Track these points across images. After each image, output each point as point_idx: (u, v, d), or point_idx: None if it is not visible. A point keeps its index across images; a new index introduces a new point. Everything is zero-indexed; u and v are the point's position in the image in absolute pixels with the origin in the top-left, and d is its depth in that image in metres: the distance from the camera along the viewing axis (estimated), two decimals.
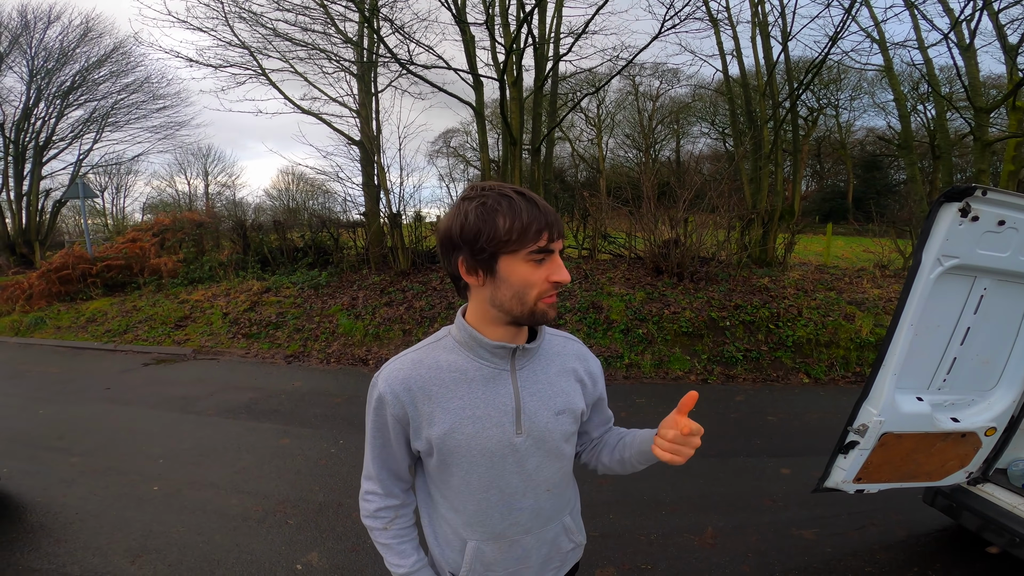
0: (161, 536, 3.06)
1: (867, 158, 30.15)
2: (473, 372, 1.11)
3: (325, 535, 3.07)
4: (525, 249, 0.98)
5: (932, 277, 2.00)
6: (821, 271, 9.09)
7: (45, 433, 4.64)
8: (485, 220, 0.98)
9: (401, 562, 1.22)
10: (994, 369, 2.35)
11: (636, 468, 1.28)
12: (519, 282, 1.01)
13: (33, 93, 18.02)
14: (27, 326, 9.25)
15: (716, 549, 2.90)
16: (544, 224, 0.98)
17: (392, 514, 1.23)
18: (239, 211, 18.55)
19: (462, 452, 1.11)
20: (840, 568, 2.72)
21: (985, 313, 2.18)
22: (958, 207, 1.90)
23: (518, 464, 1.15)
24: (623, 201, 9.30)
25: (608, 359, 6.43)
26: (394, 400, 1.10)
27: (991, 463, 2.55)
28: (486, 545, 1.20)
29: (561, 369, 1.21)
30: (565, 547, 1.33)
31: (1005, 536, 2.37)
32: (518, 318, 1.05)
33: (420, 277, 9.13)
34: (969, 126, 10.50)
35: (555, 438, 1.17)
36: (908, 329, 2.05)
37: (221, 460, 4.08)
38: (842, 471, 2.28)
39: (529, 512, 1.20)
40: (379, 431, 1.16)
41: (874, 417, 2.14)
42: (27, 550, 2.90)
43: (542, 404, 1.15)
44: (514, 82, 10.05)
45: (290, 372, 6.66)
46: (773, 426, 4.66)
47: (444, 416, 1.09)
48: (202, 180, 34.24)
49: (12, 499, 3.46)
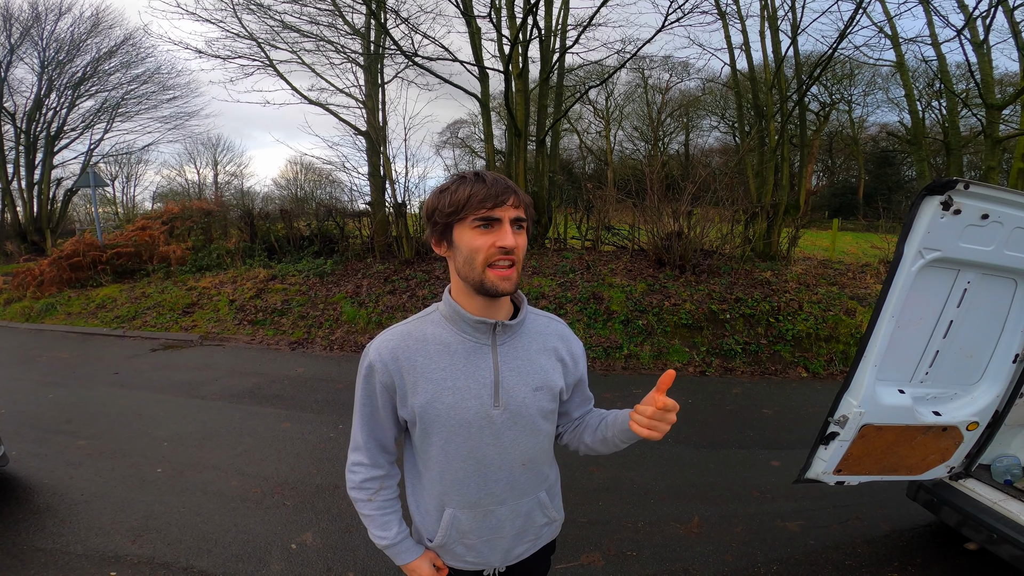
0: (162, 516, 3.15)
1: (879, 154, 29.80)
2: (456, 345, 1.18)
3: (321, 516, 3.15)
4: (470, 217, 1.06)
5: (914, 269, 2.01)
6: (824, 266, 9.05)
7: (54, 417, 4.75)
8: (438, 197, 1.11)
9: (383, 534, 1.29)
10: (978, 363, 2.35)
11: (619, 447, 1.33)
12: (467, 248, 1.09)
13: (44, 84, 18.24)
14: (38, 312, 9.42)
15: (701, 538, 2.95)
16: (487, 195, 1.05)
17: (377, 485, 1.29)
18: (247, 200, 18.76)
19: (442, 421, 1.18)
20: (821, 561, 2.75)
21: (969, 306, 2.19)
22: (940, 200, 1.91)
23: (494, 436, 1.21)
24: (628, 193, 9.30)
25: (607, 350, 6.47)
26: (383, 368, 1.18)
27: (974, 458, 2.56)
28: (462, 513, 1.27)
29: (543, 347, 1.26)
30: (539, 521, 1.38)
31: (983, 532, 2.37)
32: (473, 285, 1.11)
33: (424, 266, 9.21)
34: (980, 123, 10.41)
35: (531, 413, 1.23)
36: (889, 321, 2.07)
37: (223, 443, 4.18)
38: (823, 462, 2.31)
39: (504, 483, 1.26)
40: (368, 399, 1.23)
41: (854, 408, 2.17)
42: (33, 530, 2.99)
43: (520, 379, 1.21)
44: (519, 74, 10.04)
45: (294, 358, 6.76)
46: (768, 419, 4.69)
47: (427, 386, 1.16)
48: (211, 170, 34.51)
49: (20, 481, 3.56)
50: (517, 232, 1.09)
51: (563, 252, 9.52)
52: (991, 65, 9.87)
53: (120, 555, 2.78)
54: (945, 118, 16.09)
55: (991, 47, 9.74)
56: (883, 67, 15.00)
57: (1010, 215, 2.01)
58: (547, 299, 7.47)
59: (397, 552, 1.31)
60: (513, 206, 1.07)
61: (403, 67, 10.62)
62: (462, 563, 1.36)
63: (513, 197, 1.08)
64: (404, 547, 1.31)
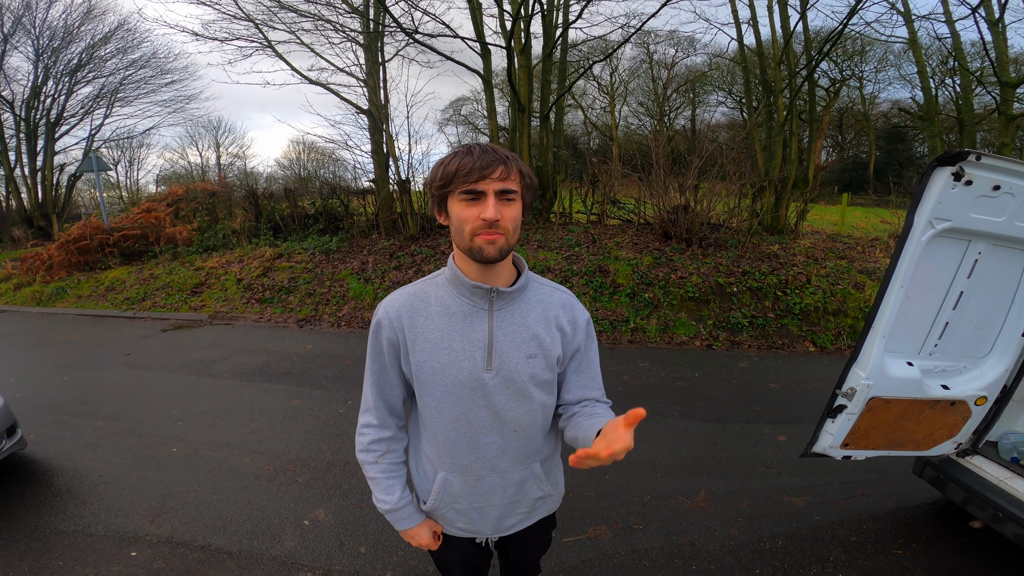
0: (179, 495, 3.22)
1: (891, 130, 29.37)
2: (456, 308, 1.22)
3: (332, 492, 3.21)
4: (458, 189, 1.10)
5: (924, 239, 1.99)
6: (833, 240, 8.97)
7: (69, 399, 4.83)
8: (435, 169, 1.15)
9: (386, 498, 1.33)
10: (987, 336, 2.33)
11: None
12: (456, 219, 1.13)
13: (41, 72, 18.16)
14: (48, 296, 9.52)
15: (707, 512, 2.98)
16: (471, 168, 1.07)
17: (383, 447, 1.33)
18: (251, 180, 18.70)
19: (436, 380, 1.22)
20: (826, 536, 2.76)
21: (979, 278, 2.16)
22: (951, 171, 1.89)
23: (486, 399, 1.24)
24: (633, 168, 9.21)
25: (613, 323, 6.48)
26: (389, 325, 1.23)
27: (981, 435, 2.54)
28: (453, 477, 1.32)
29: (542, 316, 1.27)
30: (533, 494, 1.40)
31: (988, 510, 2.36)
32: (465, 252, 1.15)
33: (429, 241, 9.22)
34: (995, 101, 10.29)
35: (523, 379, 1.24)
36: (899, 291, 2.05)
37: (236, 421, 4.25)
38: (830, 436, 2.32)
39: (495, 448, 1.29)
40: (377, 355, 1.28)
41: (862, 380, 2.16)
42: (54, 513, 3.05)
43: (514, 345, 1.23)
44: (522, 49, 9.89)
45: (302, 335, 6.82)
46: (774, 393, 4.70)
47: (424, 345, 1.21)
48: (213, 152, 34.38)
49: (40, 464, 3.62)
50: (505, 203, 1.11)
51: (568, 226, 9.47)
52: (1006, 43, 9.73)
53: (140, 535, 2.84)
54: (959, 95, 15.84)
55: (1006, 25, 9.61)
56: (895, 44, 14.68)
57: (1022, 187, 1.98)
58: (553, 272, 7.47)
59: (398, 518, 1.35)
60: (499, 178, 1.08)
61: (403, 45, 10.47)
62: (454, 529, 1.41)
63: (500, 168, 1.08)
64: (405, 513, 1.35)
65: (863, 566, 2.53)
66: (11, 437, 3.40)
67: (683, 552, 2.66)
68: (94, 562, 2.63)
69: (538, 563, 1.78)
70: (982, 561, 2.54)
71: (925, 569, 2.50)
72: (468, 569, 1.57)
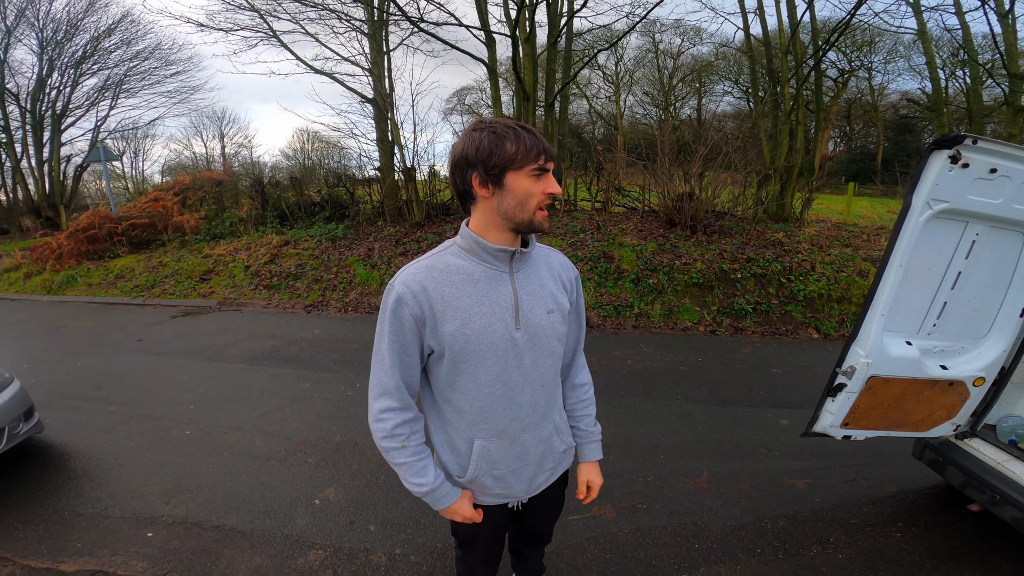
0: (193, 477, 3.30)
1: (899, 121, 29.21)
2: (478, 274, 1.26)
3: (342, 472, 3.28)
4: (528, 166, 1.17)
5: (922, 220, 2.02)
6: (839, 228, 8.96)
7: (83, 384, 4.92)
8: (496, 144, 1.17)
9: (421, 480, 1.33)
10: (986, 317, 2.35)
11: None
12: (523, 192, 1.19)
13: (45, 64, 18.21)
14: (58, 284, 9.63)
15: (710, 493, 3.04)
16: (543, 148, 1.18)
17: (408, 430, 1.32)
18: (256, 170, 18.74)
19: (472, 347, 1.25)
20: (827, 518, 2.81)
21: (977, 259, 2.19)
22: (948, 154, 1.92)
23: (517, 358, 1.30)
24: (638, 156, 9.20)
25: (618, 308, 6.52)
26: (413, 300, 1.23)
27: (980, 417, 2.57)
28: (491, 443, 1.37)
29: (550, 272, 1.37)
30: (558, 447, 1.49)
31: (986, 493, 2.38)
32: (519, 224, 1.22)
33: (434, 228, 9.28)
34: (1004, 92, 10.25)
35: (547, 334, 1.33)
36: (897, 270, 2.09)
37: (246, 404, 4.32)
38: (830, 415, 2.36)
39: (528, 407, 1.36)
40: (398, 334, 1.25)
41: (861, 359, 2.20)
42: (72, 496, 3.12)
43: (536, 303, 1.31)
44: (527, 38, 9.85)
45: (309, 321, 6.90)
46: (777, 378, 4.74)
47: (455, 314, 1.24)
48: (218, 142, 34.44)
49: (56, 448, 3.69)
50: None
51: (573, 213, 9.49)
52: (1016, 35, 9.65)
53: (155, 516, 2.92)
54: (968, 87, 15.76)
55: (1016, 18, 9.54)
56: (905, 35, 14.60)
57: (1019, 170, 2.00)
58: None
59: (438, 497, 1.35)
60: (555, 160, 1.20)
61: (408, 34, 10.46)
62: (490, 496, 1.45)
63: (553, 152, 1.20)
64: (444, 491, 1.36)
65: (863, 548, 2.57)
66: (28, 420, 3.48)
67: (686, 531, 2.71)
68: (112, 543, 2.70)
69: (551, 528, 1.84)
70: (980, 545, 2.57)
71: (924, 552, 2.54)
72: (492, 539, 1.62)
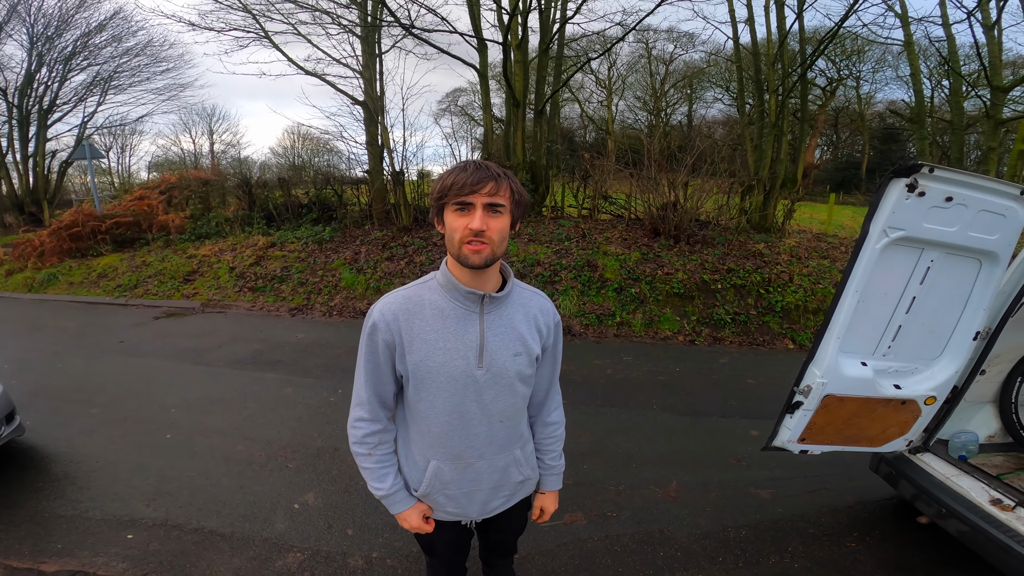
0: (174, 480, 3.33)
1: (885, 130, 29.74)
2: (449, 311, 1.35)
3: (322, 477, 3.35)
4: (451, 201, 1.23)
5: (878, 247, 2.12)
6: (819, 239, 9.15)
7: (65, 385, 4.92)
8: (436, 183, 1.29)
9: (379, 485, 1.48)
10: (940, 339, 2.46)
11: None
12: (449, 228, 1.26)
13: (35, 59, 17.96)
14: (40, 282, 9.56)
15: (678, 502, 3.14)
16: (464, 183, 1.20)
17: (376, 440, 1.46)
18: (244, 169, 18.68)
19: (432, 378, 1.35)
20: (787, 528, 2.92)
21: (932, 284, 2.29)
22: (906, 183, 2.02)
23: (477, 394, 1.38)
24: (626, 163, 9.33)
25: (600, 317, 6.63)
26: (385, 328, 1.34)
27: (932, 433, 2.68)
28: (445, 465, 1.46)
29: (525, 317, 1.43)
30: (515, 478, 1.57)
31: (934, 507, 2.47)
32: (455, 258, 1.29)
33: (421, 233, 9.33)
34: (984, 104, 10.46)
35: (510, 375, 1.40)
36: (853, 295, 2.19)
37: (229, 408, 4.37)
38: (788, 431, 2.47)
39: (484, 438, 1.45)
40: (371, 355, 1.38)
41: (817, 379, 2.31)
42: (53, 498, 3.14)
43: (503, 345, 1.38)
44: (518, 44, 9.96)
45: (294, 324, 6.94)
46: (751, 389, 4.87)
47: (421, 346, 1.34)
48: (207, 139, 34.15)
49: (38, 450, 3.70)
50: (492, 215, 1.23)
51: (560, 220, 9.59)
52: (1001, 47, 9.85)
53: (136, 519, 2.95)
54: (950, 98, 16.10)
55: (1003, 29, 9.74)
56: (893, 45, 14.91)
57: (975, 198, 2.10)
58: (542, 266, 7.60)
59: (391, 502, 1.49)
60: (488, 193, 1.21)
61: (400, 37, 10.50)
62: (443, 513, 1.55)
63: (491, 184, 1.21)
64: (397, 498, 1.49)
65: (819, 557, 2.68)
66: (10, 423, 3.49)
67: (653, 539, 2.81)
68: (92, 545, 2.74)
69: (515, 542, 1.94)
70: (931, 557, 2.69)
71: (877, 562, 2.65)
72: (452, 548, 1.73)
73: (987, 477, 2.54)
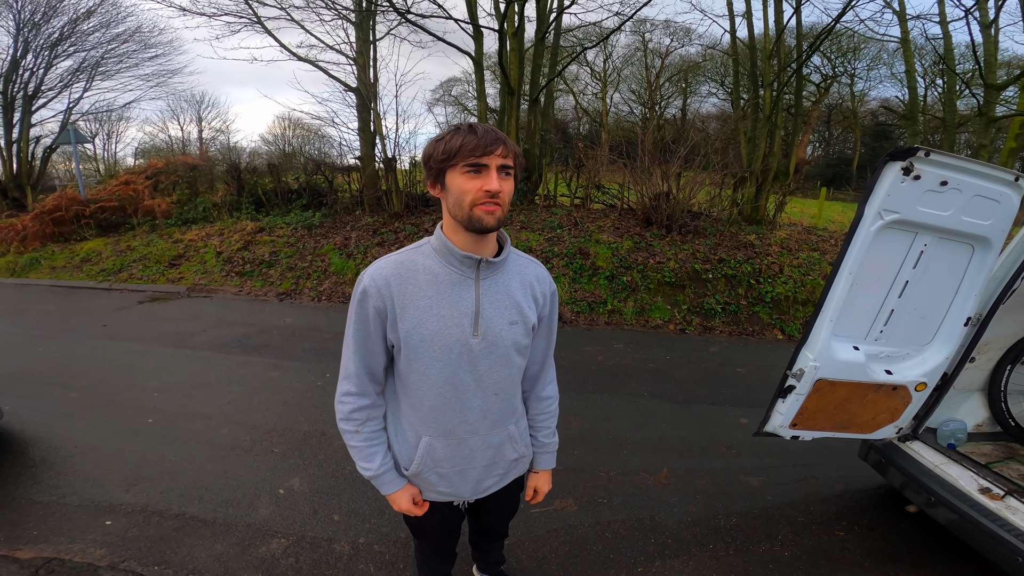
0: (155, 465, 3.26)
1: (877, 127, 29.93)
2: (444, 276, 1.28)
3: (308, 462, 3.29)
4: (462, 163, 1.17)
5: (873, 229, 2.09)
6: (809, 232, 9.17)
7: (45, 370, 4.81)
8: (435, 145, 1.21)
9: (368, 465, 1.41)
10: (931, 325, 2.45)
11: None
12: (457, 190, 1.19)
13: (20, 45, 17.55)
14: (22, 267, 9.36)
15: (668, 489, 3.12)
16: (476, 144, 1.15)
17: (364, 416, 1.39)
18: (234, 155, 18.40)
19: (425, 347, 1.29)
20: (776, 515, 2.91)
21: (925, 268, 2.27)
22: (901, 166, 1.99)
23: (471, 364, 1.32)
24: (620, 154, 9.29)
25: (591, 304, 6.61)
26: (376, 293, 1.27)
27: (922, 420, 2.67)
28: (437, 441, 1.40)
29: (521, 284, 1.37)
30: (510, 456, 1.52)
31: (923, 495, 2.46)
32: (462, 222, 1.22)
33: (413, 219, 9.26)
34: (977, 102, 10.50)
35: (506, 344, 1.34)
36: (847, 278, 2.17)
37: (213, 392, 4.29)
38: (780, 415, 2.45)
39: (478, 412, 1.39)
40: (361, 323, 1.31)
41: (810, 362, 2.28)
42: (30, 483, 3.06)
43: (499, 313, 1.32)
44: (515, 33, 9.84)
45: (282, 309, 6.85)
46: (741, 377, 4.87)
47: (414, 312, 1.27)
48: (195, 126, 33.62)
49: (15, 435, 3.60)
50: (503, 178, 1.19)
51: (552, 208, 9.55)
52: (997, 46, 9.86)
53: (115, 504, 2.88)
54: (944, 96, 16.19)
55: (1000, 29, 9.74)
56: (889, 42, 14.93)
57: (969, 183, 2.08)
58: (534, 253, 7.56)
59: (381, 483, 1.43)
60: (501, 155, 1.17)
61: (395, 24, 10.38)
62: (435, 493, 1.49)
63: (502, 147, 1.17)
64: (387, 479, 1.42)
65: (808, 546, 2.67)
66: None
67: (643, 526, 2.79)
68: (68, 531, 2.67)
69: (507, 525, 1.90)
70: (919, 546, 2.68)
71: (865, 551, 2.64)
72: (442, 531, 1.67)
73: (976, 466, 2.54)
